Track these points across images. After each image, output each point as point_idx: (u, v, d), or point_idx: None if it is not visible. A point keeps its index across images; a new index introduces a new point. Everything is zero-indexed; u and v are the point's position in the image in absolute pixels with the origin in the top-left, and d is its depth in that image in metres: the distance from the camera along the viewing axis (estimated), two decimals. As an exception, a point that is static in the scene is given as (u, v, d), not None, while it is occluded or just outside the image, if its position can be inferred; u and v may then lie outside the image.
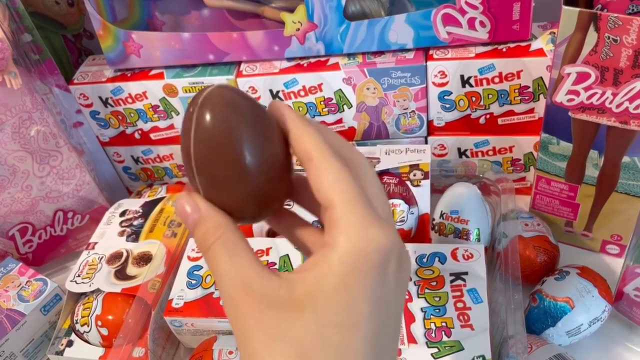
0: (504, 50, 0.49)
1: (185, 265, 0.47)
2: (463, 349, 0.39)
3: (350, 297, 0.22)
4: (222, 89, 0.24)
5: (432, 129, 0.55)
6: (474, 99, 0.51)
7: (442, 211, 0.50)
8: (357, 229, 0.23)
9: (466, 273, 0.43)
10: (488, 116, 0.52)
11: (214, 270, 0.24)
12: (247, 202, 0.25)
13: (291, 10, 0.50)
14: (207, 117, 0.24)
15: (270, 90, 0.53)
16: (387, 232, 0.23)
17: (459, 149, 0.55)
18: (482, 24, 0.48)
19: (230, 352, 0.43)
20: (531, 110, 0.51)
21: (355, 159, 0.26)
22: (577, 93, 0.42)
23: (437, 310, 0.41)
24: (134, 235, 0.52)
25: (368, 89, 0.52)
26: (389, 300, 0.23)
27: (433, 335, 0.40)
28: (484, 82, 0.50)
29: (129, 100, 0.56)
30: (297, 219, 0.29)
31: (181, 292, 0.45)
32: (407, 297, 0.25)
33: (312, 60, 0.53)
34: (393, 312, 0.24)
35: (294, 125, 0.25)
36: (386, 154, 0.52)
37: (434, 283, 0.43)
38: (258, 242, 0.48)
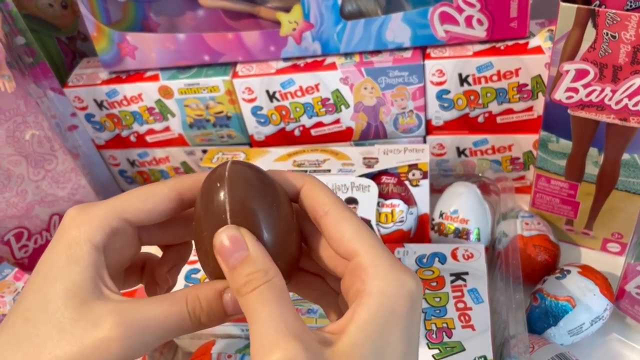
0: (502, 48, 0.49)
1: (183, 269, 0.47)
2: (464, 349, 0.39)
3: (392, 339, 0.23)
4: (238, 165, 0.26)
5: (430, 129, 0.54)
6: (472, 97, 0.51)
7: (441, 211, 0.49)
8: (388, 274, 0.24)
9: (467, 273, 0.43)
10: (487, 115, 0.52)
11: (255, 313, 0.23)
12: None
13: (287, 10, 0.49)
14: (236, 193, 0.25)
15: (267, 91, 0.52)
16: (412, 274, 0.24)
17: (457, 148, 0.55)
18: (479, 21, 0.48)
19: (229, 356, 0.42)
20: (530, 109, 0.51)
21: (350, 209, 0.27)
22: (576, 90, 0.42)
23: (438, 311, 0.41)
24: (131, 239, 0.52)
25: (365, 88, 0.52)
26: (416, 336, 0.25)
27: (434, 336, 0.40)
28: (482, 80, 0.49)
29: (124, 102, 0.55)
30: (301, 272, 0.29)
31: (179, 296, 0.45)
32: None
33: (309, 60, 0.52)
34: (416, 344, 0.25)
35: (306, 182, 0.27)
36: (384, 154, 0.52)
37: (434, 284, 0.42)
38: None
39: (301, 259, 0.28)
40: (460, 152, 0.55)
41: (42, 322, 0.23)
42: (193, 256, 0.48)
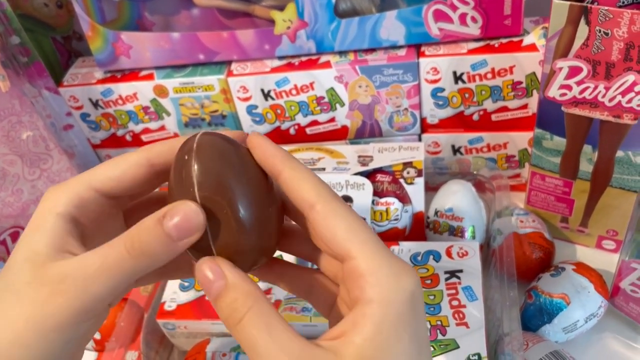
0: (496, 45, 0.49)
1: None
2: (458, 347, 0.39)
3: (402, 347, 0.22)
4: (209, 137, 0.24)
5: (425, 127, 0.54)
6: (467, 95, 0.51)
7: (436, 209, 0.49)
8: (389, 280, 0.22)
9: (461, 271, 0.43)
10: (481, 112, 0.52)
11: (250, 347, 0.22)
12: (248, 249, 0.24)
13: (281, 8, 0.49)
14: (206, 166, 0.24)
15: (262, 90, 0.52)
16: (411, 272, 0.23)
17: (452, 146, 0.55)
18: (473, 19, 0.48)
19: (224, 354, 0.42)
20: (525, 106, 0.51)
21: (341, 202, 0.25)
22: (569, 87, 0.42)
23: (432, 309, 0.41)
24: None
25: (360, 86, 0.52)
26: (425, 334, 0.24)
27: (428, 333, 0.40)
28: (477, 78, 0.49)
29: (120, 101, 0.55)
30: (288, 265, 0.28)
31: (174, 295, 0.45)
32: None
33: (304, 58, 0.52)
34: (427, 341, 0.24)
35: (286, 167, 0.24)
36: (379, 152, 0.52)
37: (428, 281, 0.42)
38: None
39: (287, 240, 0.27)
40: (455, 150, 0.55)
41: (2, 288, 0.24)
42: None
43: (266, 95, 0.53)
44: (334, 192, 0.24)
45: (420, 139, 0.55)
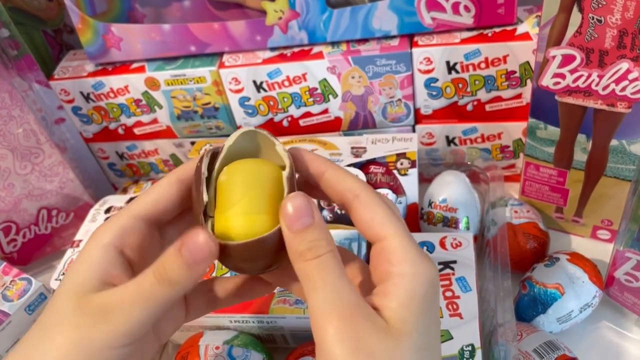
0: (490, 35, 0.48)
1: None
2: (452, 338, 0.38)
3: (429, 321, 0.25)
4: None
5: (419, 117, 0.54)
6: (460, 85, 0.50)
7: (430, 200, 0.49)
8: (417, 260, 0.25)
9: (455, 262, 0.43)
10: (475, 103, 0.52)
11: (319, 279, 0.24)
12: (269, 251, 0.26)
13: (272, -1, 0.49)
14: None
15: (254, 81, 0.52)
16: (433, 262, 0.26)
17: (447, 137, 0.55)
18: (466, 8, 0.47)
19: (217, 347, 0.42)
20: (519, 96, 0.50)
21: (380, 195, 0.28)
22: (562, 76, 0.41)
23: (426, 300, 0.41)
24: (119, 232, 0.51)
25: (353, 77, 0.51)
26: (439, 322, 0.27)
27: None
28: (470, 68, 0.49)
29: (111, 94, 0.55)
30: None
31: (166, 288, 0.45)
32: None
33: (296, 49, 0.52)
34: (439, 329, 0.27)
35: (329, 167, 0.28)
36: (372, 143, 0.51)
37: (422, 272, 0.42)
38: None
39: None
40: (449, 141, 0.55)
41: (47, 315, 0.26)
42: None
43: (258, 87, 0.52)
44: (374, 189, 0.28)
45: (414, 130, 0.55)
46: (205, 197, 0.26)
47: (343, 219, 0.46)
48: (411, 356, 0.24)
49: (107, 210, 0.54)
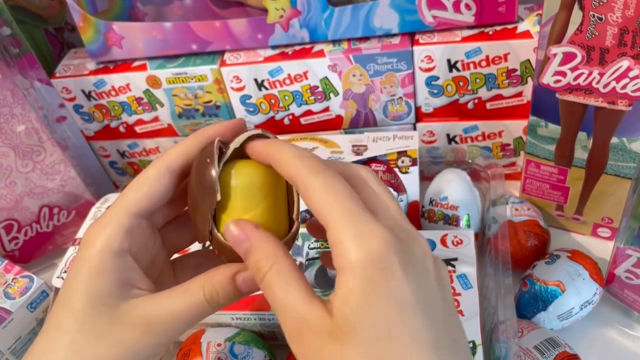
0: (491, 33, 0.48)
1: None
2: (453, 335, 0.39)
3: (378, 309, 0.22)
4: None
5: (420, 116, 0.54)
6: (461, 83, 0.50)
7: (431, 198, 0.49)
8: (351, 245, 0.23)
9: (456, 259, 0.43)
10: (476, 101, 0.52)
11: (271, 302, 0.25)
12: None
13: (274, -3, 0.49)
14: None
15: (255, 80, 0.52)
16: (377, 233, 0.23)
17: (448, 135, 0.55)
18: (467, 6, 0.47)
19: (219, 344, 0.42)
20: (520, 94, 0.50)
21: (348, 170, 0.26)
22: (563, 74, 0.41)
23: (427, 297, 0.41)
24: (121, 230, 0.51)
25: (354, 75, 0.51)
26: (416, 297, 0.23)
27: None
28: (471, 66, 0.49)
29: (113, 93, 0.55)
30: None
31: (168, 285, 0.45)
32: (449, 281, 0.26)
33: (297, 47, 0.52)
34: (432, 303, 0.24)
35: (275, 151, 0.26)
36: (373, 141, 0.51)
37: (423, 270, 0.42)
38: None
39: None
40: (450, 139, 0.55)
41: (77, 331, 0.26)
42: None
43: (260, 85, 0.53)
44: (313, 161, 0.25)
45: (415, 128, 0.55)
46: (218, 197, 0.26)
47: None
48: (361, 353, 0.22)
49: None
